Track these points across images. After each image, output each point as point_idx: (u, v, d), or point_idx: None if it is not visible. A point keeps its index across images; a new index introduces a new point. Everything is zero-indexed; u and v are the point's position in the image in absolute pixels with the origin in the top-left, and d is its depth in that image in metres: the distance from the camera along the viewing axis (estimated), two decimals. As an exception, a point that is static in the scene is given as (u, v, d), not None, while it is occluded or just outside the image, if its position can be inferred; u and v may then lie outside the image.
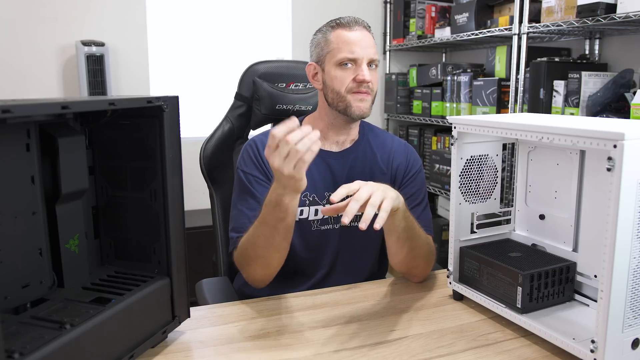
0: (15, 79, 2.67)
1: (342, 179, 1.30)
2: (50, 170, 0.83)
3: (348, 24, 1.27)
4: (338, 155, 1.33)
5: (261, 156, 1.29)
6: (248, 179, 1.28)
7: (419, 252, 1.22)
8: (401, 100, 3.28)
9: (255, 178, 1.28)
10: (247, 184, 1.28)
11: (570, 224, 1.07)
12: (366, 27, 1.29)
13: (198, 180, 1.64)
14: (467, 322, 1.06)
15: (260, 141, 1.32)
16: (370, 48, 1.26)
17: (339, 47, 1.25)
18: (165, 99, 0.90)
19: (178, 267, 0.95)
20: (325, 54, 1.28)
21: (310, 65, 1.33)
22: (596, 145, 0.81)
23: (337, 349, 0.96)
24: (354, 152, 1.35)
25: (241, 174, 1.30)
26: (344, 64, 1.25)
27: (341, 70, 1.25)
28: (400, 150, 1.40)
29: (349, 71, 1.25)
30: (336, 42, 1.26)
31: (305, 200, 1.29)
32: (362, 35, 1.26)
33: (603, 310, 0.82)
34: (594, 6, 1.88)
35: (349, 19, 1.29)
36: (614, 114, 1.93)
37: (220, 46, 3.08)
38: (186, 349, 0.95)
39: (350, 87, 1.25)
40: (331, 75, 1.27)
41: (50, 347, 0.70)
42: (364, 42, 1.25)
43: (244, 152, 1.33)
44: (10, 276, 0.77)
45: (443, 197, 2.96)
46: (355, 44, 1.25)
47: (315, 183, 1.29)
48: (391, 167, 1.37)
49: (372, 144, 1.38)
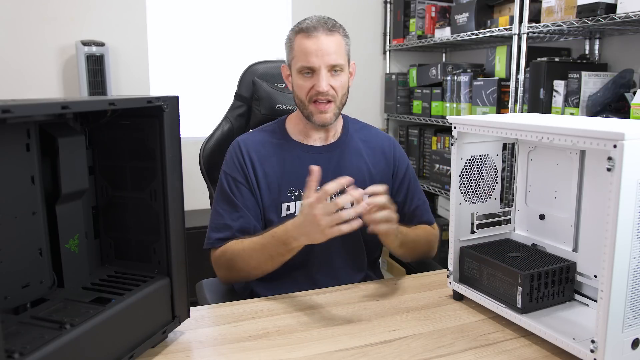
0: (15, 79, 2.67)
1: (328, 173, 1.28)
2: (50, 170, 0.83)
3: (307, 30, 1.24)
4: (323, 150, 1.35)
5: (243, 158, 1.31)
6: (228, 181, 1.31)
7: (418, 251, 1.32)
8: (401, 100, 3.28)
9: (234, 180, 1.30)
10: (226, 185, 1.31)
11: (570, 224, 1.07)
12: (329, 29, 1.25)
13: (198, 180, 1.64)
14: (467, 322, 1.06)
15: (244, 142, 1.34)
16: (330, 55, 1.23)
17: (298, 56, 1.26)
18: (165, 99, 0.90)
19: (178, 267, 0.95)
20: (290, 59, 1.30)
21: (284, 67, 1.35)
22: (596, 145, 0.81)
23: (337, 349, 0.96)
24: (339, 146, 1.37)
25: (223, 175, 1.33)
26: (304, 72, 1.26)
27: (302, 78, 1.27)
28: (383, 148, 1.42)
29: (309, 80, 1.26)
30: (297, 50, 1.26)
31: (291, 196, 1.31)
32: (322, 41, 1.23)
33: (603, 310, 0.82)
34: (594, 6, 1.88)
35: (311, 22, 1.25)
36: (614, 114, 1.93)
37: (220, 46, 3.08)
38: (186, 349, 0.95)
39: (311, 95, 1.26)
40: (295, 82, 1.29)
41: (50, 347, 0.70)
42: (322, 50, 1.23)
43: (227, 153, 1.35)
44: (10, 276, 0.77)
45: (443, 197, 2.96)
46: (312, 52, 1.23)
47: (300, 178, 1.28)
48: (375, 163, 1.39)
49: (356, 139, 1.40)
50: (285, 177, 1.31)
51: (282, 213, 1.30)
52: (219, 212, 1.30)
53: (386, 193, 1.11)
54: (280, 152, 1.33)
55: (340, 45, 1.26)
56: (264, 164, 1.31)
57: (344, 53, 1.28)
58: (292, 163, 1.32)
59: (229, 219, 1.28)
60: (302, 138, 1.36)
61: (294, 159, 1.32)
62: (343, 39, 1.28)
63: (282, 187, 1.30)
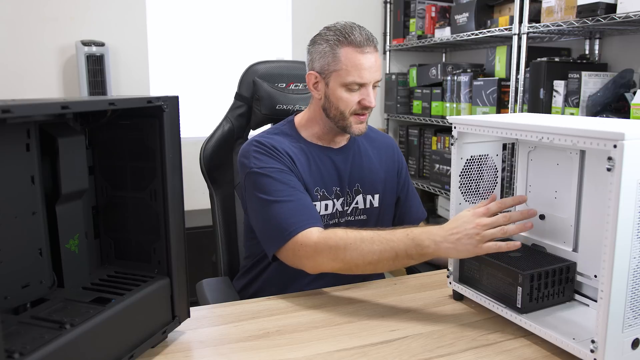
0: (15, 79, 2.67)
1: (346, 174, 1.34)
2: (50, 170, 0.83)
3: (360, 45, 1.21)
4: (339, 152, 1.36)
5: (278, 151, 1.26)
6: (270, 173, 1.22)
7: None
8: (401, 100, 3.28)
9: (276, 170, 1.22)
10: (271, 176, 1.21)
11: (570, 224, 1.07)
12: (375, 45, 1.25)
13: (198, 180, 1.64)
14: (467, 322, 1.06)
15: (264, 139, 1.29)
16: (378, 71, 1.25)
17: (348, 70, 1.21)
18: (165, 99, 0.90)
19: (178, 267, 0.95)
20: (332, 70, 1.24)
21: (312, 75, 1.28)
22: (596, 145, 0.81)
23: (337, 349, 0.95)
24: (351, 148, 1.39)
25: (258, 171, 1.23)
26: (352, 86, 1.23)
27: (347, 92, 1.24)
28: (388, 146, 1.46)
29: (355, 94, 1.24)
30: (345, 63, 1.21)
31: (317, 195, 1.30)
32: (373, 58, 1.23)
33: (603, 310, 0.82)
34: (594, 6, 1.88)
35: (361, 36, 1.22)
36: (614, 114, 1.93)
37: (220, 46, 3.08)
38: (186, 349, 0.95)
39: (355, 109, 1.25)
40: (336, 94, 1.24)
41: (50, 347, 0.70)
42: (373, 68, 1.23)
43: (253, 152, 1.26)
44: (10, 276, 0.77)
45: (443, 197, 2.96)
46: (366, 69, 1.22)
47: (324, 178, 1.31)
48: (383, 162, 1.42)
49: (363, 140, 1.42)
50: (312, 176, 1.30)
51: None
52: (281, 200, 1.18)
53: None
54: (302, 152, 1.32)
55: (379, 61, 1.28)
56: (293, 159, 1.28)
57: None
58: (315, 163, 1.32)
59: (297, 200, 1.17)
60: (316, 140, 1.35)
61: (316, 159, 1.32)
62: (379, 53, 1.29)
63: (309, 184, 1.29)
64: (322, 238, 1.12)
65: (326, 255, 1.11)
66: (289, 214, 1.16)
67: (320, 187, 1.31)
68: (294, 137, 1.34)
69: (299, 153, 1.31)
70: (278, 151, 1.26)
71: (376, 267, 1.10)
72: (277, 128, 1.37)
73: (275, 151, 1.26)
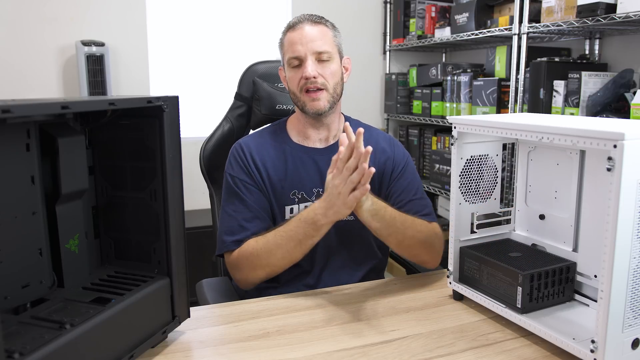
0: (16, 79, 2.67)
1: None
2: (50, 170, 0.83)
3: (294, 25, 1.30)
4: (324, 152, 1.34)
5: (247, 160, 1.31)
6: (235, 183, 1.30)
7: (411, 243, 1.22)
8: (401, 100, 3.28)
9: (242, 182, 1.30)
10: (234, 187, 1.30)
11: (570, 224, 1.07)
12: (315, 21, 1.29)
13: (198, 180, 1.64)
14: (467, 322, 1.06)
15: (246, 145, 1.34)
16: (315, 41, 1.26)
17: (287, 49, 1.30)
18: (165, 99, 0.90)
19: (178, 267, 0.95)
20: (282, 57, 1.33)
21: (280, 70, 1.38)
22: (596, 145, 0.81)
23: (337, 349, 0.96)
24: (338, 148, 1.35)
25: (229, 177, 1.32)
26: (293, 64, 1.28)
27: (292, 71, 1.29)
28: (386, 146, 1.41)
29: (299, 71, 1.28)
30: (286, 45, 1.30)
31: (294, 199, 1.31)
32: (307, 31, 1.27)
33: (603, 310, 0.82)
34: (594, 6, 1.88)
35: (297, 18, 1.31)
36: (614, 114, 1.93)
37: (220, 46, 3.08)
38: (186, 349, 0.95)
39: (301, 85, 1.28)
40: (287, 76, 1.32)
41: (50, 347, 0.70)
42: (306, 38, 1.26)
43: (231, 156, 1.35)
44: (10, 276, 0.77)
45: (443, 197, 2.96)
46: (297, 42, 1.27)
47: (302, 180, 1.31)
48: (377, 162, 1.36)
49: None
50: (288, 179, 1.31)
51: (286, 216, 1.30)
52: (230, 214, 1.28)
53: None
54: (282, 155, 1.33)
55: (325, 34, 1.29)
56: (267, 166, 1.31)
57: (332, 42, 1.29)
58: (294, 165, 1.32)
59: (242, 220, 1.26)
60: (302, 139, 1.36)
61: (296, 162, 1.32)
62: (330, 30, 1.31)
63: (285, 189, 1.30)
64: (237, 253, 1.23)
65: (246, 267, 1.22)
66: (228, 229, 1.27)
67: (299, 190, 1.31)
68: (280, 137, 1.37)
69: (278, 157, 1.33)
70: (248, 162, 1.31)
71: (290, 259, 1.19)
72: (267, 127, 1.43)
73: (247, 161, 1.31)
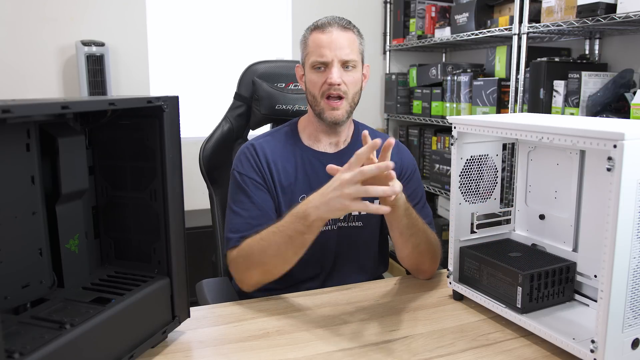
0: (15, 79, 2.67)
1: None
2: (50, 170, 0.83)
3: (322, 26, 1.27)
4: (334, 157, 1.33)
5: (260, 161, 1.30)
6: (244, 181, 1.28)
7: (424, 249, 1.23)
8: (401, 100, 3.28)
9: (252, 180, 1.28)
10: (243, 185, 1.28)
11: (570, 224, 1.07)
12: (344, 26, 1.27)
13: (198, 180, 1.63)
14: (467, 322, 1.06)
15: (260, 145, 1.32)
16: (343, 49, 1.24)
17: (312, 51, 1.27)
18: (165, 99, 0.90)
19: (178, 267, 0.95)
20: (304, 56, 1.30)
21: (298, 67, 1.36)
22: (596, 145, 0.81)
23: (337, 349, 0.95)
24: (349, 153, 1.32)
25: (237, 175, 1.29)
26: (316, 67, 1.26)
27: (315, 73, 1.27)
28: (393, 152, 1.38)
29: (322, 75, 1.25)
30: (311, 46, 1.27)
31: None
32: (335, 36, 1.25)
33: (603, 310, 0.82)
34: (594, 6, 1.88)
35: (325, 20, 1.28)
36: (614, 114, 1.93)
37: (220, 46, 3.08)
38: (186, 349, 0.95)
39: (323, 90, 1.26)
40: (308, 78, 1.29)
41: (50, 347, 0.70)
42: (335, 44, 1.24)
43: (241, 155, 1.32)
44: (10, 276, 0.77)
45: (443, 197, 2.96)
46: (325, 46, 1.24)
47: (311, 185, 1.29)
48: None
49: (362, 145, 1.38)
50: (298, 183, 1.30)
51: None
52: (237, 211, 1.25)
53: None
54: (293, 158, 1.32)
55: (353, 42, 1.27)
56: (279, 169, 1.30)
57: (357, 51, 1.28)
58: (304, 169, 1.31)
59: (248, 217, 1.23)
60: (312, 143, 1.34)
61: (306, 165, 1.31)
62: (357, 38, 1.29)
63: (294, 193, 1.29)
64: (236, 252, 1.20)
65: (242, 266, 1.19)
66: (234, 227, 1.23)
67: (307, 194, 1.28)
68: (292, 139, 1.35)
69: (288, 160, 1.31)
70: (261, 163, 1.29)
71: (283, 258, 1.13)
72: (280, 127, 1.40)
73: (259, 162, 1.29)
